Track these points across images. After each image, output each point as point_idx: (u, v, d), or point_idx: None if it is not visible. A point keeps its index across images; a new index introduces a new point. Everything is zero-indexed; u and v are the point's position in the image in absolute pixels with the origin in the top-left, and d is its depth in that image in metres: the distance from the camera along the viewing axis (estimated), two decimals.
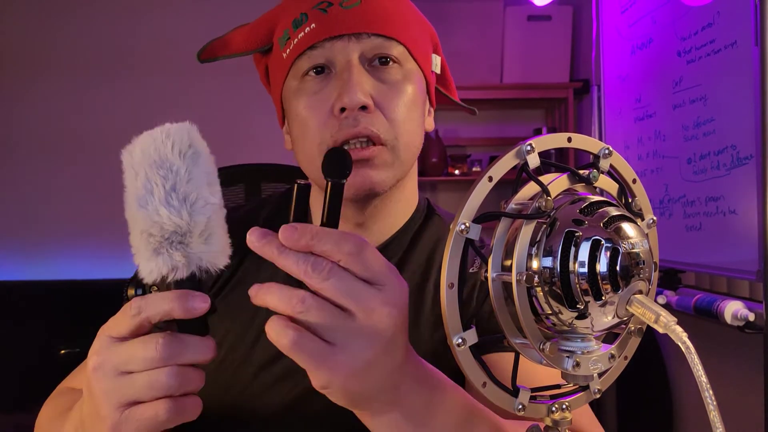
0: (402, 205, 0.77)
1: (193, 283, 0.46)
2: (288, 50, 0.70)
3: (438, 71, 0.78)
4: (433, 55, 0.76)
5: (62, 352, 2.41)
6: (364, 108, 0.66)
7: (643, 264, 0.43)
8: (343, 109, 0.66)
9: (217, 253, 0.46)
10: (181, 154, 0.45)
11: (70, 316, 2.52)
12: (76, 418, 0.53)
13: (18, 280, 2.73)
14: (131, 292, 0.47)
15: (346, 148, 0.67)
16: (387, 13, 0.70)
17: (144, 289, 0.47)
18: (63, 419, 0.60)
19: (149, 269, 0.45)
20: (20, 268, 2.79)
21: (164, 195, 0.44)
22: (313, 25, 0.68)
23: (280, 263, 0.44)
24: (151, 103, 2.84)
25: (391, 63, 0.69)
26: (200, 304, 0.45)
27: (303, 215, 0.46)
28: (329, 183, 0.46)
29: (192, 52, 0.75)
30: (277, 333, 0.43)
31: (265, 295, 0.44)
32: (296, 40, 0.69)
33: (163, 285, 0.46)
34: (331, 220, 0.46)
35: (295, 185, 0.47)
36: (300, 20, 0.69)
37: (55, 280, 2.69)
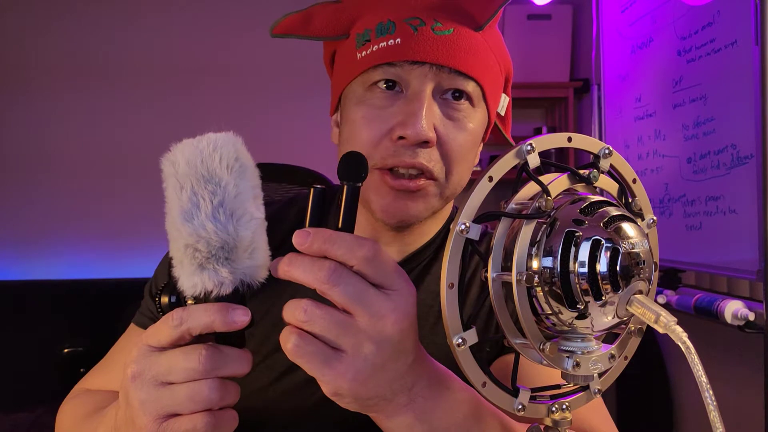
0: (436, 222, 0.76)
1: (235, 297, 0.45)
2: (364, 53, 0.66)
3: (502, 113, 0.76)
4: (503, 96, 0.74)
5: (65, 350, 2.41)
6: (425, 143, 0.64)
7: (643, 264, 0.43)
8: (401, 137, 0.64)
9: (259, 267, 0.46)
10: (229, 168, 0.44)
11: (70, 315, 2.52)
12: (110, 425, 0.52)
13: (18, 280, 2.73)
14: (165, 299, 0.47)
15: (394, 172, 0.65)
16: (474, 49, 0.66)
17: (178, 297, 0.46)
18: (92, 422, 0.59)
19: (192, 283, 0.44)
20: (20, 268, 2.79)
21: (211, 210, 0.43)
22: (399, 40, 0.64)
23: (290, 276, 0.44)
24: (151, 107, 2.85)
25: (463, 99, 0.67)
26: (241, 317, 0.44)
27: (321, 219, 0.46)
28: (345, 186, 0.46)
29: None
30: (283, 339, 0.44)
31: (283, 309, 0.45)
32: (376, 47, 0.65)
33: (202, 298, 0.45)
34: (347, 223, 0.46)
35: (311, 190, 0.46)
36: (386, 27, 0.66)
37: (55, 279, 2.69)
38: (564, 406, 0.48)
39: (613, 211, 0.44)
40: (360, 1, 0.70)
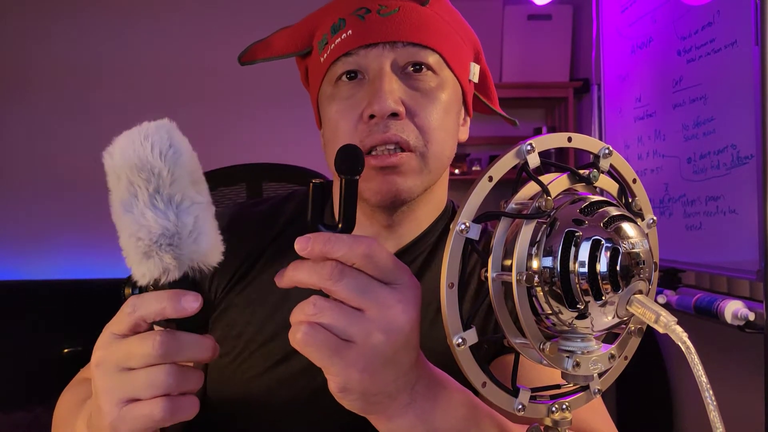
0: (430, 207, 0.77)
1: (186, 283, 0.46)
2: (325, 55, 0.71)
3: (476, 80, 0.77)
4: (472, 64, 0.76)
5: (65, 351, 2.41)
6: (394, 115, 0.66)
7: (643, 264, 0.43)
8: (372, 116, 0.66)
9: (207, 252, 0.46)
10: (161, 155, 0.43)
11: (70, 316, 2.52)
12: (87, 412, 0.53)
13: (18, 279, 2.73)
14: (128, 291, 0.47)
15: (374, 153, 0.67)
16: (424, 22, 0.69)
17: (140, 289, 0.47)
18: (78, 411, 0.60)
19: (141, 272, 0.44)
20: (20, 268, 2.79)
21: (148, 198, 0.43)
22: (350, 31, 0.68)
23: (296, 281, 0.45)
24: (151, 110, 2.85)
25: (424, 70, 0.69)
26: (191, 303, 0.45)
27: (321, 213, 0.46)
28: (343, 180, 0.46)
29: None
30: (292, 332, 0.44)
31: (291, 314, 0.45)
32: (333, 45, 0.69)
33: (157, 286, 0.45)
34: (348, 217, 0.46)
35: (311, 185, 0.46)
36: (338, 25, 0.70)
37: (55, 279, 2.69)
38: (564, 406, 0.48)
39: (613, 211, 0.44)
40: (314, 16, 0.75)
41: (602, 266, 0.41)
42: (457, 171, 2.95)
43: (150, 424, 0.45)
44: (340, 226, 0.46)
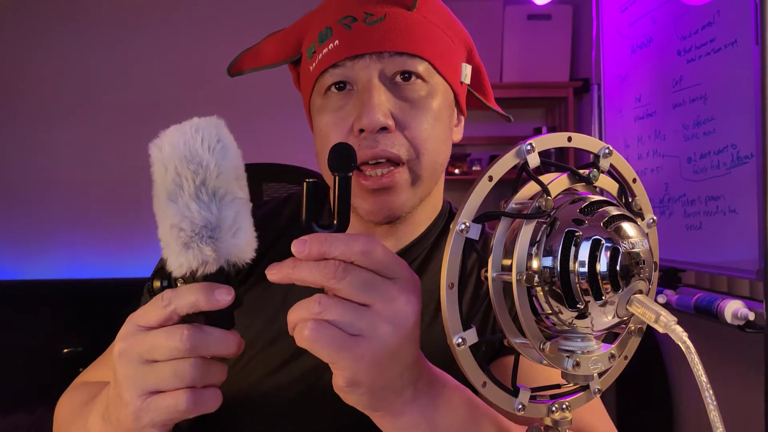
0: (427, 210, 0.77)
1: (221, 276, 0.46)
2: (314, 64, 0.70)
3: (467, 81, 0.76)
4: (463, 65, 0.75)
5: (65, 351, 2.41)
6: (384, 129, 0.65)
7: (643, 263, 0.43)
8: (362, 130, 0.66)
9: (244, 247, 0.47)
10: (210, 148, 0.45)
11: (70, 316, 2.52)
12: (102, 404, 0.54)
13: (18, 279, 2.73)
14: (157, 284, 0.48)
15: (365, 172, 0.67)
16: (411, 29, 0.68)
17: (169, 280, 0.47)
18: (87, 409, 0.60)
19: (179, 263, 0.45)
20: (20, 268, 2.79)
21: (194, 190, 0.44)
22: (337, 42, 0.67)
23: (296, 279, 0.44)
24: (152, 113, 2.85)
25: (413, 79, 0.68)
26: (225, 296, 0.45)
27: (316, 212, 0.47)
28: (336, 177, 0.46)
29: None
30: (298, 330, 0.44)
31: (288, 312, 0.45)
32: (320, 55, 0.68)
33: (191, 278, 0.46)
34: (343, 215, 0.46)
35: (304, 184, 0.47)
36: (325, 34, 0.69)
37: (55, 279, 2.69)
38: (564, 406, 0.48)
39: (613, 211, 0.44)
40: (303, 21, 0.74)
41: (602, 266, 0.41)
42: (457, 171, 2.95)
43: (174, 415, 0.46)
44: (335, 223, 0.46)
